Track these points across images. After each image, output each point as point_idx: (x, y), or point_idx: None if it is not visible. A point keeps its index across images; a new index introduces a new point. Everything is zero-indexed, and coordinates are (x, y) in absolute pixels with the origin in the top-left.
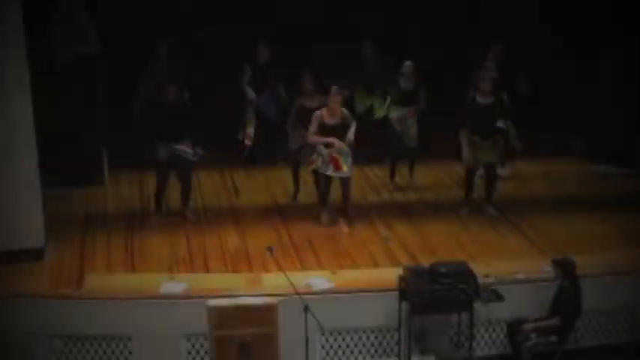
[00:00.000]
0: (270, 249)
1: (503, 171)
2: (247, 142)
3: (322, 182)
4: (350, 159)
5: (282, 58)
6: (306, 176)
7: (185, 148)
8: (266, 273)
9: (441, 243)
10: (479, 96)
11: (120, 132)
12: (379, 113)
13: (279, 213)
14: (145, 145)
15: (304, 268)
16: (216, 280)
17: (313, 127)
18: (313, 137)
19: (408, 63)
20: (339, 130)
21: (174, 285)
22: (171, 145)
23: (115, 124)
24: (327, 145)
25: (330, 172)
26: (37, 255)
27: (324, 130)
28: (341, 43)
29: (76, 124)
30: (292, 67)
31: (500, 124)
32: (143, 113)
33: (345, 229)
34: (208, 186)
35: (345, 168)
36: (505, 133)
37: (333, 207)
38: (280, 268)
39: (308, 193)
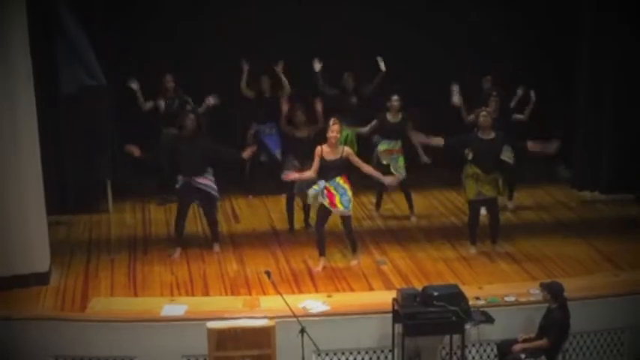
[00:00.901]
0: (268, 273)
1: (510, 204)
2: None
3: (321, 221)
4: (347, 198)
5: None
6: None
7: (208, 182)
8: (264, 296)
9: (433, 267)
10: (480, 132)
11: (124, 161)
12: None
13: (277, 239)
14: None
15: (301, 291)
16: (215, 302)
17: (315, 164)
18: (306, 174)
19: (395, 97)
20: (339, 167)
21: (175, 307)
22: (192, 178)
23: (119, 154)
24: (325, 177)
25: (326, 202)
26: (42, 279)
27: (323, 166)
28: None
29: (81, 153)
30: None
31: (506, 157)
32: (165, 146)
33: (353, 262)
34: None
35: (340, 207)
36: (507, 166)
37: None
38: (278, 292)
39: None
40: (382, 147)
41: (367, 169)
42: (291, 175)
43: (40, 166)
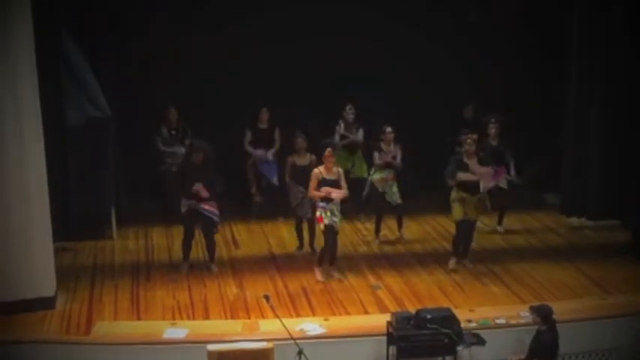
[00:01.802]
0: (266, 297)
1: (500, 227)
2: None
3: (331, 240)
4: (339, 214)
5: (280, 120)
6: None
7: (211, 209)
8: (262, 319)
9: (427, 291)
10: (465, 157)
11: (127, 189)
12: (358, 173)
13: (275, 263)
14: (173, 202)
15: (298, 314)
16: (215, 326)
17: (313, 183)
18: (313, 192)
19: (388, 129)
20: (336, 185)
21: (176, 331)
22: (197, 204)
23: (123, 183)
24: (328, 200)
25: (337, 223)
26: (48, 303)
27: (323, 184)
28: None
29: (86, 181)
30: (287, 129)
31: (502, 184)
32: (171, 173)
33: (336, 275)
34: None
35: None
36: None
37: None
38: (276, 315)
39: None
40: (377, 176)
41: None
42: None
43: (47, 194)
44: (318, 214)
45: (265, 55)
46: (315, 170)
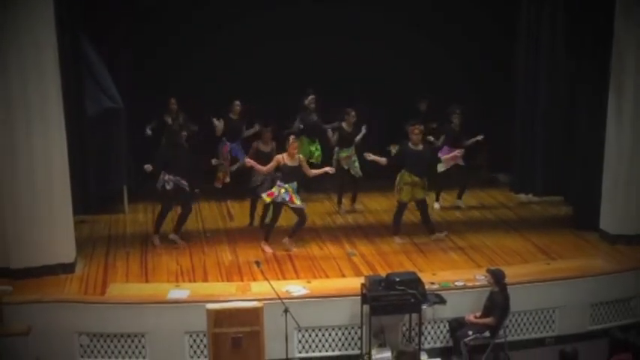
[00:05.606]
0: (257, 262)
1: (460, 202)
2: (216, 184)
3: (276, 216)
4: (298, 195)
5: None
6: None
7: (184, 182)
8: (254, 281)
9: (395, 257)
10: (411, 144)
11: (138, 170)
12: (317, 159)
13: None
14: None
15: (285, 277)
16: (213, 287)
17: (272, 165)
18: (259, 167)
19: (353, 112)
20: (297, 171)
21: (179, 292)
22: (177, 178)
23: (133, 164)
24: (286, 180)
25: (287, 201)
26: (69, 268)
27: (286, 171)
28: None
29: (102, 163)
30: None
31: (460, 162)
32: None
33: (293, 248)
34: (208, 213)
35: (297, 201)
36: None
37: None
38: (265, 278)
39: (288, 217)
40: (343, 154)
41: (311, 173)
42: (249, 162)
43: (68, 174)
44: (272, 190)
45: (265, 55)
46: (278, 156)
